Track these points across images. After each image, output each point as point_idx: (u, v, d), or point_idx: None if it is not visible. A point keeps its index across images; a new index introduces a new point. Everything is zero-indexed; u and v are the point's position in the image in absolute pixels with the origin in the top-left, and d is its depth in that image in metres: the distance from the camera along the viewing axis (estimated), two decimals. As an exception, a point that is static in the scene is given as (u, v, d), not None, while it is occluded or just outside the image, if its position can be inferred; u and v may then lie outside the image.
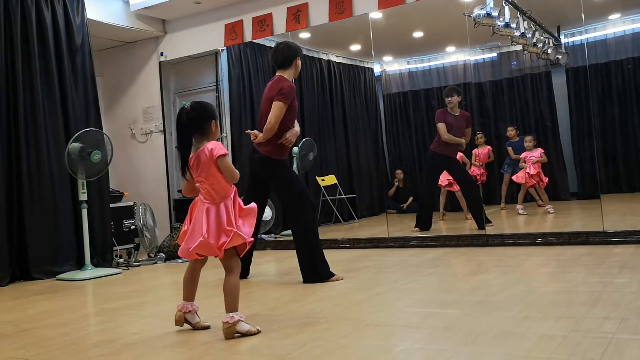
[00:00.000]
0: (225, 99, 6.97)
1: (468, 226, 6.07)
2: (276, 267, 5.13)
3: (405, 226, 6.35)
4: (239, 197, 2.82)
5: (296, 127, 4.13)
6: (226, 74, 6.94)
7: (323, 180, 7.22)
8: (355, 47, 7.45)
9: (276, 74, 4.14)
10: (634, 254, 4.08)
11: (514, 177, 6.62)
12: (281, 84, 4.00)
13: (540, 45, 6.31)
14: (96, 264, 5.45)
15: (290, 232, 4.75)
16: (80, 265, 5.38)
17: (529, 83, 6.99)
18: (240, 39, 6.69)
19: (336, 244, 5.84)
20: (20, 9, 5.34)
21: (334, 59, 7.44)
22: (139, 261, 5.86)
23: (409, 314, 2.91)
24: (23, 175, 5.24)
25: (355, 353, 2.31)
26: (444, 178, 6.37)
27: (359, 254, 5.30)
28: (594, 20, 6.26)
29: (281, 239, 6.54)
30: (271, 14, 6.47)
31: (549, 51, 6.45)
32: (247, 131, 4.24)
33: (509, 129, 6.82)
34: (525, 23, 6.01)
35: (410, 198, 7.47)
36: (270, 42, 6.64)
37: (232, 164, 2.77)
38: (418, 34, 7.20)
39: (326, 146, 7.32)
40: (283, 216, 6.52)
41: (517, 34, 5.97)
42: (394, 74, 7.63)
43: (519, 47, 6.48)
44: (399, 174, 7.58)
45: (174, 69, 7.46)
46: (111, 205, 5.98)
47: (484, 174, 6.73)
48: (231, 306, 2.67)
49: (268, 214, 6.24)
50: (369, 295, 3.44)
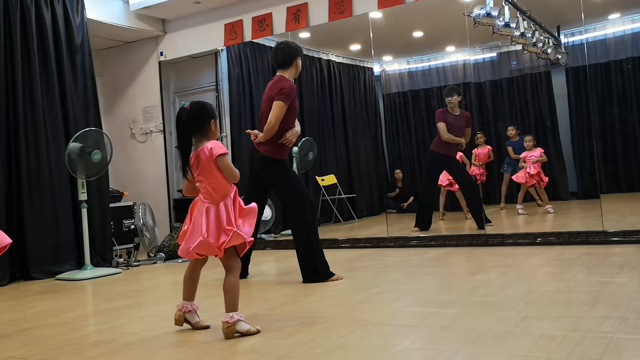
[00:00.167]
0: (225, 98, 6.97)
1: (468, 226, 6.07)
2: (276, 266, 5.13)
3: (405, 226, 6.35)
4: (239, 196, 2.82)
5: (297, 127, 4.13)
6: (226, 73, 6.94)
7: (323, 180, 7.22)
8: (355, 47, 7.45)
9: (277, 74, 4.14)
10: (633, 254, 4.08)
11: (514, 177, 6.62)
12: (282, 83, 4.00)
13: (540, 45, 6.31)
14: (96, 263, 5.45)
15: (290, 231, 4.75)
16: (80, 265, 5.38)
17: (529, 83, 7.00)
18: (240, 38, 6.69)
19: (336, 244, 5.84)
20: (20, 8, 5.34)
21: (333, 58, 7.44)
22: (138, 261, 5.85)
23: (408, 313, 2.91)
24: (23, 175, 5.24)
25: (354, 353, 2.31)
26: (444, 178, 6.36)
27: (358, 253, 5.30)
28: (593, 20, 6.26)
29: (281, 238, 6.54)
30: (271, 13, 6.47)
31: (549, 51, 6.45)
32: (247, 131, 4.24)
33: (510, 128, 6.82)
34: (525, 23, 6.01)
35: (411, 198, 7.48)
36: (270, 42, 6.64)
37: (232, 164, 2.77)
38: (418, 34, 7.20)
39: (326, 146, 7.32)
40: (283, 216, 6.52)
41: (517, 33, 5.96)
42: (394, 73, 7.63)
43: (519, 47, 6.48)
44: (398, 174, 7.58)
45: (173, 68, 7.46)
46: (111, 205, 5.98)
47: (484, 173, 6.73)
48: (231, 306, 2.66)
49: (268, 213, 6.24)
50: (368, 295, 3.44)
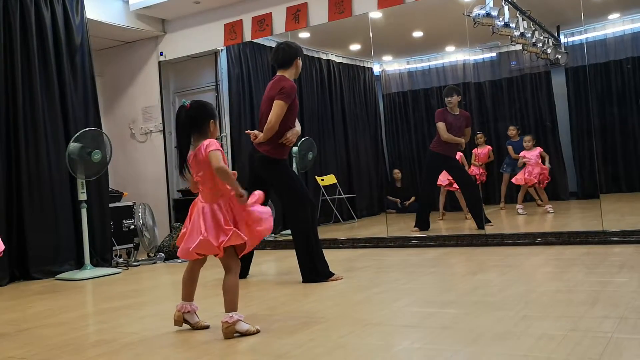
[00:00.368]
0: (225, 98, 6.97)
1: (467, 226, 6.07)
2: (276, 266, 5.13)
3: (404, 226, 6.35)
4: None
5: (297, 127, 4.13)
6: (226, 73, 6.94)
7: (322, 180, 7.22)
8: (355, 47, 7.44)
9: (277, 73, 4.14)
10: (633, 254, 4.08)
11: (513, 180, 6.62)
12: (282, 83, 4.00)
13: (540, 45, 6.31)
14: (95, 263, 5.45)
15: (290, 231, 4.74)
16: (79, 265, 5.38)
17: (529, 83, 7.00)
18: (239, 38, 6.69)
19: (336, 244, 5.84)
20: (20, 8, 5.34)
21: (333, 58, 7.44)
22: (138, 261, 5.85)
23: (408, 313, 2.91)
24: (22, 175, 5.24)
25: (354, 353, 2.31)
26: (444, 178, 6.36)
27: (358, 253, 5.30)
28: (593, 20, 6.26)
29: (281, 238, 6.54)
30: (271, 13, 6.47)
31: (549, 51, 6.45)
32: (247, 131, 4.24)
33: (511, 128, 6.82)
34: (525, 23, 6.01)
35: (412, 197, 7.47)
36: (270, 42, 6.64)
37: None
38: (418, 34, 7.20)
39: (326, 146, 7.32)
40: (283, 216, 6.51)
41: (517, 33, 5.96)
42: (394, 73, 7.63)
43: (519, 47, 6.48)
44: (397, 174, 7.58)
45: (173, 68, 7.46)
46: (111, 205, 5.98)
47: (484, 173, 6.73)
48: (230, 306, 2.66)
49: (268, 213, 6.22)
50: (368, 295, 3.44)
